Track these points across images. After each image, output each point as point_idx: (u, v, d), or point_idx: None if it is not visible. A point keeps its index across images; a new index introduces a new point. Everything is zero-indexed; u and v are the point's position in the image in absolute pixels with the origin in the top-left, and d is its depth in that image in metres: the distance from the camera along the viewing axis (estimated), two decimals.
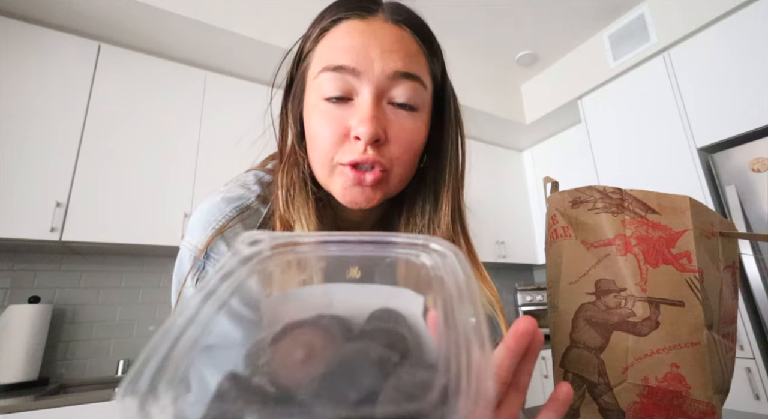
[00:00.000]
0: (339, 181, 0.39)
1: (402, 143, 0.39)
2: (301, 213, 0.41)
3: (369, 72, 0.37)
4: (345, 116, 0.38)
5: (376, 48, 0.38)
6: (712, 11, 1.85)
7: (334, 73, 0.38)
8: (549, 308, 0.50)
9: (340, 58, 0.38)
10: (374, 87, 0.38)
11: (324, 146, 0.39)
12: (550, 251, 0.51)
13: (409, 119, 0.40)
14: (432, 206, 0.45)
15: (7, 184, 1.52)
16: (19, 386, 1.46)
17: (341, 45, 0.38)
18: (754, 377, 1.58)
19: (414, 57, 0.40)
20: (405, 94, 0.39)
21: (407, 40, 0.40)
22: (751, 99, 1.71)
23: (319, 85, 0.39)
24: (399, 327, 0.17)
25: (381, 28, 0.39)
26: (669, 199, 0.45)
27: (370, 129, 0.36)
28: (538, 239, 3.00)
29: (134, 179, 1.75)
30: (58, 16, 1.74)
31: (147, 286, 1.96)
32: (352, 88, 0.38)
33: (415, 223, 0.46)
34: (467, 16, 2.21)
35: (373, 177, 0.38)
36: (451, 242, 0.44)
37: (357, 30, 0.38)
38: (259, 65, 2.11)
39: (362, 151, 0.37)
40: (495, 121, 2.75)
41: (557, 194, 0.51)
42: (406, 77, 0.38)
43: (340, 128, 0.38)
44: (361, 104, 0.37)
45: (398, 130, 0.39)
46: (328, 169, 0.40)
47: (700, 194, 1.82)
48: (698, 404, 0.39)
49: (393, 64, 0.38)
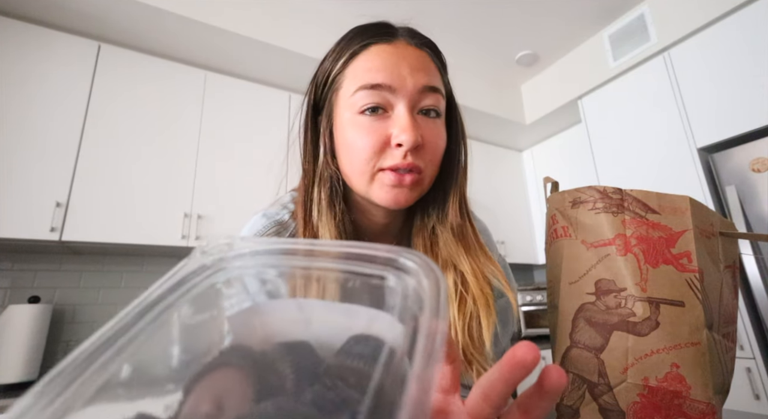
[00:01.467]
0: (380, 185, 0.44)
1: (433, 147, 0.45)
2: (327, 229, 0.46)
3: (403, 88, 0.43)
4: (384, 127, 0.43)
5: (406, 67, 0.44)
6: (712, 11, 1.85)
7: (371, 91, 0.43)
8: (549, 309, 0.50)
9: (376, 77, 0.43)
10: (408, 100, 0.43)
11: (365, 154, 0.43)
12: (550, 251, 0.51)
13: (436, 125, 0.46)
14: (441, 199, 0.51)
15: (7, 184, 1.52)
16: (19, 386, 1.46)
17: (375, 66, 0.44)
18: (754, 377, 1.58)
19: (434, 73, 0.46)
20: (432, 104, 0.45)
21: (427, 59, 0.46)
22: (751, 99, 1.71)
23: (355, 102, 0.44)
24: (371, 363, 0.15)
25: (406, 50, 0.45)
26: (669, 199, 0.45)
27: (411, 137, 0.41)
28: (538, 239, 3.00)
29: (134, 179, 1.75)
30: (58, 16, 1.74)
31: (147, 286, 1.93)
32: (387, 102, 0.43)
33: (428, 216, 0.51)
34: (467, 16, 2.20)
35: (411, 179, 0.44)
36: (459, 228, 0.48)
37: (387, 52, 0.44)
38: (258, 65, 2.11)
39: (403, 156, 0.42)
40: (495, 121, 2.75)
41: (557, 194, 0.51)
42: (432, 90, 0.45)
43: (381, 137, 0.43)
44: (399, 116, 0.43)
45: (430, 136, 0.44)
46: (368, 176, 0.44)
47: (700, 194, 1.82)
48: (698, 404, 0.39)
49: (422, 79, 0.44)
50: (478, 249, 0.49)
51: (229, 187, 1.95)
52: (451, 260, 0.48)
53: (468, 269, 0.47)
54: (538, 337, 2.63)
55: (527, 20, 2.25)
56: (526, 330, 2.64)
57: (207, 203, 1.88)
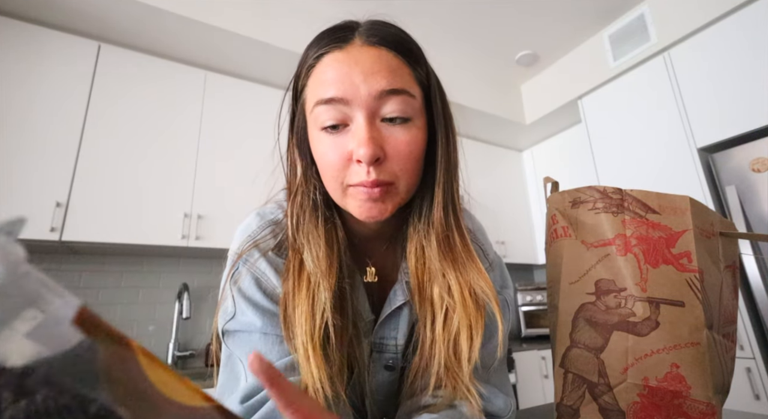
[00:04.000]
0: (353, 200, 0.42)
1: (401, 156, 0.41)
2: (311, 238, 0.44)
3: (357, 97, 0.40)
4: (345, 142, 0.41)
5: (359, 74, 0.40)
6: (712, 11, 1.85)
7: (326, 106, 0.41)
8: (549, 309, 0.50)
9: (328, 90, 0.41)
10: (365, 110, 0.40)
11: (332, 172, 0.42)
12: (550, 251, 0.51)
13: (404, 131, 0.42)
14: (428, 203, 0.47)
15: (7, 184, 1.52)
16: None
17: (327, 78, 0.41)
18: (754, 377, 1.58)
19: (396, 72, 0.42)
20: (396, 108, 0.41)
21: (387, 57, 0.42)
22: (751, 99, 1.71)
23: (315, 118, 0.42)
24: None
25: (359, 54, 0.41)
26: (669, 199, 0.45)
27: (368, 150, 0.39)
28: (538, 239, 3.00)
29: (134, 179, 1.75)
30: (58, 16, 1.74)
31: (147, 286, 1.96)
32: (345, 115, 0.41)
33: (415, 222, 0.48)
34: (467, 15, 2.20)
35: (380, 191, 0.41)
36: (446, 240, 0.46)
37: (338, 61, 0.41)
38: (258, 65, 2.11)
39: (366, 172, 0.40)
40: (495, 121, 2.75)
41: (557, 194, 0.51)
42: (393, 93, 0.41)
43: (342, 153, 0.41)
44: (357, 129, 0.40)
45: (395, 144, 0.41)
46: (340, 191, 0.43)
47: (700, 194, 1.82)
48: (698, 404, 0.39)
49: (377, 84, 0.40)
50: (467, 261, 0.45)
51: (229, 187, 1.95)
52: (443, 270, 0.45)
53: (455, 285, 0.44)
54: (538, 337, 2.63)
55: (527, 20, 2.25)
56: (526, 330, 2.64)
57: (207, 203, 1.88)
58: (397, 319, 0.50)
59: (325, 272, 0.43)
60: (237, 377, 0.43)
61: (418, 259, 0.48)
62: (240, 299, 0.44)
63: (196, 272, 2.07)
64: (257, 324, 0.43)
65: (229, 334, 0.45)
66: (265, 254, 0.45)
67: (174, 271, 2.03)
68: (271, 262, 0.45)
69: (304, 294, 0.42)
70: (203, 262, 2.10)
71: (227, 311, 0.44)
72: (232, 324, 0.44)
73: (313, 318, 0.41)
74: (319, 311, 0.41)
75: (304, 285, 0.42)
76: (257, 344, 0.43)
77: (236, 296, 0.44)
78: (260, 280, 0.45)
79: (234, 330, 0.44)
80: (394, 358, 0.50)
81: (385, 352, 0.50)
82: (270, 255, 0.46)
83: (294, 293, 0.42)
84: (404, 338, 0.50)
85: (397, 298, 0.49)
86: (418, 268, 0.47)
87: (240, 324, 0.44)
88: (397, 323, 0.50)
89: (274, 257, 0.46)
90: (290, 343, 0.41)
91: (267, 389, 0.22)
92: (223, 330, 0.45)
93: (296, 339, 0.40)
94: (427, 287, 0.46)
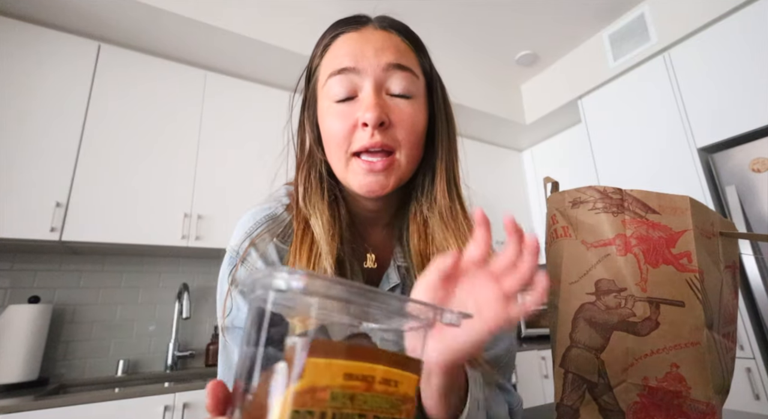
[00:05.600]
0: (354, 173, 0.45)
1: (405, 126, 0.44)
2: (317, 208, 0.47)
3: (367, 67, 0.44)
4: (353, 111, 0.44)
5: (371, 49, 0.44)
6: (712, 11, 1.85)
7: (338, 76, 0.44)
8: (549, 309, 0.50)
9: (341, 62, 0.44)
10: (373, 80, 0.44)
11: (338, 140, 0.45)
12: (550, 251, 0.51)
13: (408, 104, 0.45)
14: (429, 180, 0.50)
15: (7, 184, 1.52)
16: (19, 386, 1.46)
17: (341, 52, 0.45)
18: (754, 377, 1.58)
19: (404, 52, 0.46)
20: (400, 83, 0.45)
21: (396, 40, 0.47)
22: (751, 99, 1.71)
23: (328, 90, 0.46)
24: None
25: (372, 34, 0.46)
26: (669, 199, 0.45)
27: (374, 113, 0.42)
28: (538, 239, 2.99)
29: (134, 179, 1.75)
30: (58, 16, 1.73)
31: (147, 286, 1.96)
32: (355, 86, 0.44)
33: (419, 197, 0.51)
34: (467, 16, 2.20)
35: (383, 163, 0.44)
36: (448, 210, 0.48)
37: (352, 39, 0.46)
38: (258, 65, 2.11)
39: (370, 135, 0.43)
40: (495, 121, 2.75)
41: (557, 194, 0.51)
42: (399, 68, 0.45)
43: (349, 121, 0.44)
44: (364, 96, 0.44)
45: (399, 114, 0.44)
46: (344, 162, 0.45)
47: (700, 194, 1.82)
48: (698, 404, 0.39)
49: (386, 58, 0.44)
50: (468, 231, 0.48)
51: (230, 187, 1.95)
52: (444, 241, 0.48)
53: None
54: (538, 337, 2.63)
55: (527, 20, 2.25)
56: (526, 330, 2.64)
57: (207, 203, 1.88)
58: None
59: (329, 239, 0.45)
60: (231, 368, 0.46)
61: (420, 236, 0.50)
62: (239, 296, 0.46)
63: (196, 272, 2.07)
64: None
65: (226, 329, 0.47)
66: (263, 252, 0.47)
67: (174, 271, 2.03)
68: (268, 261, 0.47)
69: (305, 264, 0.44)
70: (203, 262, 2.10)
71: (226, 307, 0.46)
72: (230, 320, 0.46)
73: None
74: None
75: (305, 256, 0.44)
76: None
77: (235, 293, 0.46)
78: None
79: (232, 326, 0.46)
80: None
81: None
82: (269, 252, 0.48)
83: (294, 263, 0.44)
84: None
85: (391, 280, 0.51)
86: (421, 245, 0.49)
87: (237, 320, 0.46)
88: None
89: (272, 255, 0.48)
90: None
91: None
92: (222, 326, 0.47)
93: None
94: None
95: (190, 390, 1.43)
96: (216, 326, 2.02)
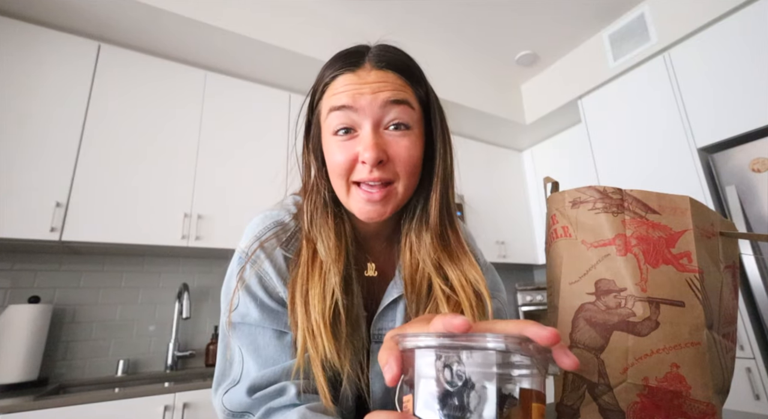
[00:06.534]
0: (355, 200, 0.49)
1: (402, 159, 0.48)
2: (322, 231, 0.51)
3: (365, 107, 0.47)
4: (352, 145, 0.48)
5: (368, 88, 0.47)
6: (712, 11, 1.85)
7: (339, 112, 0.48)
8: (549, 308, 0.50)
9: (340, 100, 0.48)
10: (371, 118, 0.47)
11: (339, 171, 0.48)
12: (550, 251, 0.51)
13: (404, 137, 0.48)
14: (422, 206, 0.54)
15: (7, 184, 1.52)
16: (19, 386, 1.46)
17: (340, 92, 0.48)
18: (754, 377, 1.58)
19: (399, 88, 0.49)
20: (397, 116, 0.48)
21: (392, 77, 0.49)
22: (751, 99, 1.71)
23: (330, 123, 0.49)
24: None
25: (368, 75, 0.48)
26: (669, 199, 0.45)
27: (372, 154, 0.45)
28: (538, 239, 3.00)
29: (134, 178, 1.75)
30: (58, 16, 1.74)
31: (147, 286, 1.96)
32: (354, 122, 0.48)
33: (409, 223, 0.55)
34: (467, 16, 2.20)
35: (381, 194, 0.48)
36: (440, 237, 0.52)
37: (349, 80, 0.48)
38: (258, 65, 2.11)
39: (369, 171, 0.47)
40: (495, 121, 2.75)
41: (557, 194, 0.51)
42: (396, 103, 0.48)
43: (350, 154, 0.47)
44: (364, 135, 0.47)
45: (396, 148, 0.48)
46: (345, 189, 0.49)
47: (700, 194, 1.82)
48: (698, 404, 0.39)
49: (383, 95, 0.47)
50: (462, 255, 0.52)
51: (230, 187, 1.95)
52: (439, 263, 0.52)
53: (453, 276, 0.51)
54: None
55: (527, 20, 2.25)
56: None
57: (207, 204, 1.88)
58: (394, 311, 0.55)
59: (335, 259, 0.49)
60: (231, 363, 0.50)
61: (412, 254, 0.54)
62: (245, 295, 0.49)
63: (196, 272, 2.07)
64: (258, 318, 0.49)
65: (234, 325, 0.50)
66: (270, 255, 0.50)
67: (174, 271, 2.03)
68: (275, 264, 0.50)
69: (317, 279, 0.48)
70: (203, 262, 2.10)
71: (233, 303, 0.50)
72: (235, 316, 0.50)
73: (324, 298, 0.46)
74: (329, 292, 0.47)
75: (317, 271, 0.48)
76: (256, 336, 0.49)
77: (241, 292, 0.49)
78: (263, 279, 0.50)
79: (236, 322, 0.50)
80: None
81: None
82: (276, 256, 0.51)
83: (307, 278, 0.48)
84: None
85: (394, 291, 0.55)
86: (412, 262, 0.54)
87: (242, 316, 0.49)
88: (394, 315, 0.55)
89: (279, 259, 0.51)
90: (295, 326, 0.47)
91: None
92: (228, 321, 0.50)
93: (310, 317, 0.46)
94: (421, 280, 0.53)
95: (190, 390, 1.43)
96: (216, 326, 2.02)
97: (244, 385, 0.46)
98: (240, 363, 0.49)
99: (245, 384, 0.46)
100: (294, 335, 0.48)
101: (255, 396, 0.46)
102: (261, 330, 0.49)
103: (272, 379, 0.46)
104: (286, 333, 0.49)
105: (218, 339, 0.52)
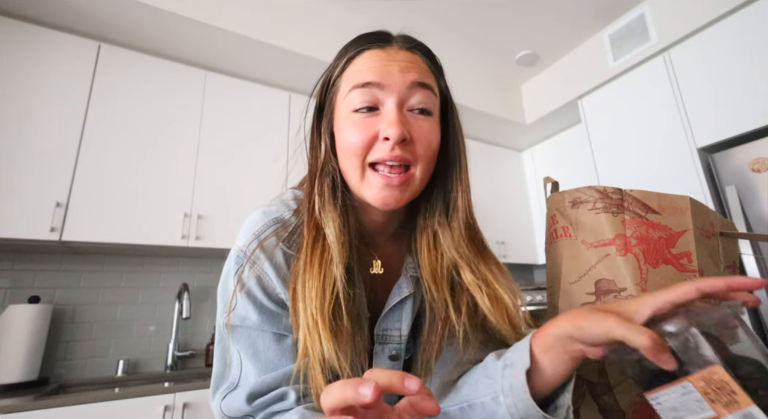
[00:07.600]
0: (370, 185, 0.46)
1: (423, 142, 0.46)
2: (330, 217, 0.48)
3: (391, 84, 0.45)
4: (374, 123, 0.45)
5: (396, 67, 0.46)
6: (712, 11, 1.85)
7: (362, 89, 0.46)
8: (549, 308, 0.50)
9: (366, 76, 0.46)
10: (397, 96, 0.46)
11: (356, 149, 0.46)
12: (550, 251, 0.51)
13: (426, 121, 0.47)
14: (442, 199, 0.52)
15: (7, 184, 1.52)
16: (19, 386, 1.46)
17: (366, 67, 0.47)
18: None
19: (425, 72, 0.49)
20: (422, 100, 0.47)
21: (419, 60, 0.49)
22: (751, 99, 1.71)
23: (349, 101, 0.47)
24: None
25: (397, 53, 0.48)
26: (669, 199, 0.45)
27: (398, 130, 0.43)
28: (538, 239, 3.00)
29: (134, 179, 1.75)
30: (58, 16, 1.73)
31: (147, 286, 1.96)
32: (378, 100, 0.46)
33: (431, 215, 0.52)
34: (467, 16, 2.20)
35: (399, 179, 0.45)
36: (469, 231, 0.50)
37: (378, 56, 0.47)
38: (258, 65, 2.11)
39: (390, 149, 0.44)
40: (495, 121, 2.75)
41: (557, 194, 0.51)
42: (421, 86, 0.47)
43: (369, 132, 0.45)
44: (388, 112, 0.45)
45: (419, 131, 0.46)
46: (359, 172, 0.47)
47: (700, 194, 1.82)
48: None
49: (410, 76, 0.46)
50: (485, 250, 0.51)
51: (230, 187, 1.95)
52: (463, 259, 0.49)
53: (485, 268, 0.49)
54: None
55: (527, 20, 2.25)
56: None
57: (207, 203, 1.88)
58: (401, 311, 0.52)
59: (340, 247, 0.46)
60: (229, 366, 0.48)
61: (430, 250, 0.51)
62: (243, 297, 0.46)
63: (196, 272, 2.07)
64: (257, 321, 0.46)
65: (233, 328, 0.48)
66: (270, 255, 0.47)
67: (174, 271, 2.03)
68: (275, 264, 0.47)
69: (316, 270, 0.44)
70: (203, 262, 2.10)
71: (230, 305, 0.47)
72: (233, 319, 0.47)
73: (324, 291, 0.43)
74: (329, 285, 0.44)
75: (317, 261, 0.45)
76: (255, 339, 0.47)
77: (239, 293, 0.46)
78: (263, 280, 0.47)
79: (234, 325, 0.47)
80: (398, 348, 0.52)
81: (388, 343, 0.52)
82: (276, 255, 0.48)
83: (305, 269, 0.45)
84: (408, 328, 0.52)
85: (402, 290, 0.52)
86: (431, 257, 0.51)
87: (241, 319, 0.47)
88: (400, 315, 0.52)
89: (279, 258, 0.48)
90: (297, 326, 0.44)
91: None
92: (225, 323, 0.47)
93: (307, 311, 0.43)
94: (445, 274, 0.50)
95: (190, 390, 1.43)
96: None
97: (244, 392, 0.44)
98: (238, 366, 0.47)
99: (244, 390, 0.45)
100: (295, 336, 0.45)
101: (254, 403, 0.44)
102: (260, 334, 0.47)
103: (272, 385, 0.45)
104: (285, 336, 0.47)
105: (215, 340, 0.50)
